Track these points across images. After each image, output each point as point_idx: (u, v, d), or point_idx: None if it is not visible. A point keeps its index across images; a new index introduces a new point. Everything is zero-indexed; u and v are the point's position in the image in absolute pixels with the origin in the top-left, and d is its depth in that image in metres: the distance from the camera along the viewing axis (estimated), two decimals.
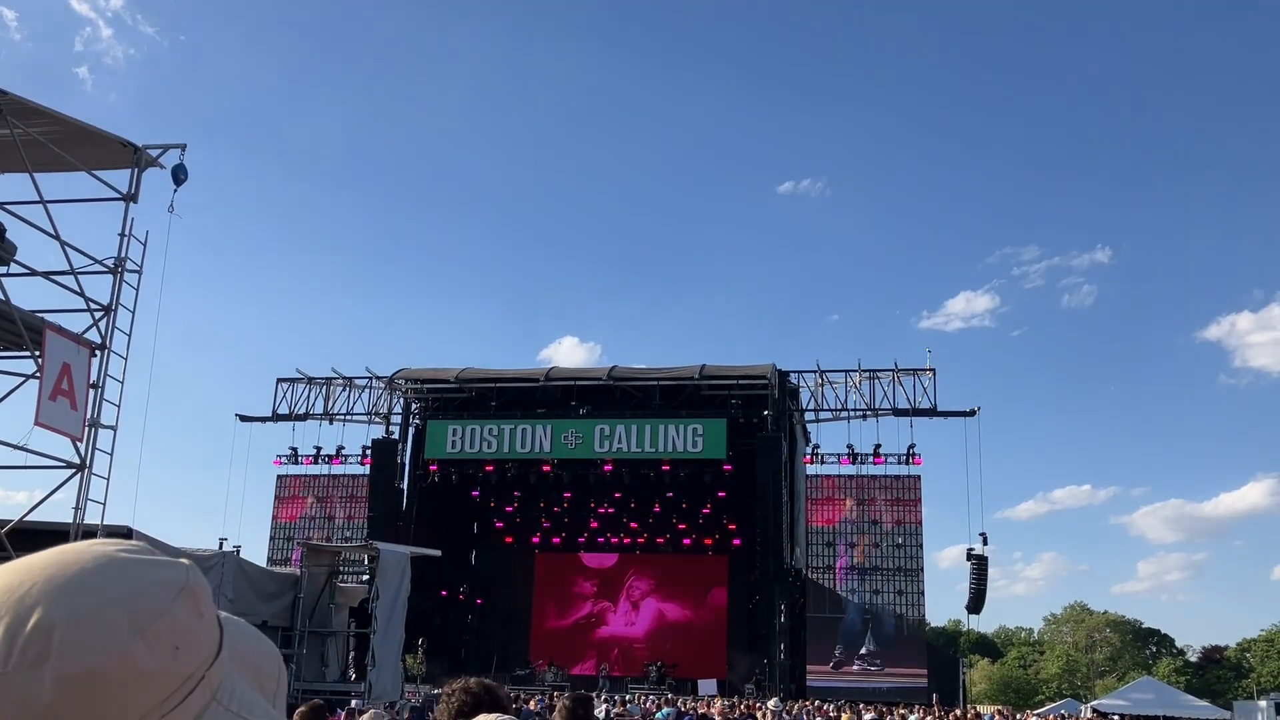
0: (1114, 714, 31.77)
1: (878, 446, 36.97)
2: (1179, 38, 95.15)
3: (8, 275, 13.26)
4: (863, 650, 36.08)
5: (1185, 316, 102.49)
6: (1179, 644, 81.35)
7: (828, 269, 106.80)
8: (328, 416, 40.37)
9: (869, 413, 36.80)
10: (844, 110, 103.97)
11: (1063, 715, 36.88)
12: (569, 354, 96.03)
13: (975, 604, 36.00)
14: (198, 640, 0.86)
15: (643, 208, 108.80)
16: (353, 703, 16.68)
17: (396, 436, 39.36)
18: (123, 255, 14.37)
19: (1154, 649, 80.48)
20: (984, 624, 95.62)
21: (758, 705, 24.99)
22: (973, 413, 36.49)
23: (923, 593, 36.70)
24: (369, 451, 39.45)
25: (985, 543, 35.95)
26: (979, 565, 35.62)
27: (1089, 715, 32.27)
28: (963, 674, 40.31)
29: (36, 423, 12.63)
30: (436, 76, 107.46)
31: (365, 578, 20.99)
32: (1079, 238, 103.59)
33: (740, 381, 36.46)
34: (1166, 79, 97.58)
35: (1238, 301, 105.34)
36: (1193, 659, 78.21)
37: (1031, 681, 75.55)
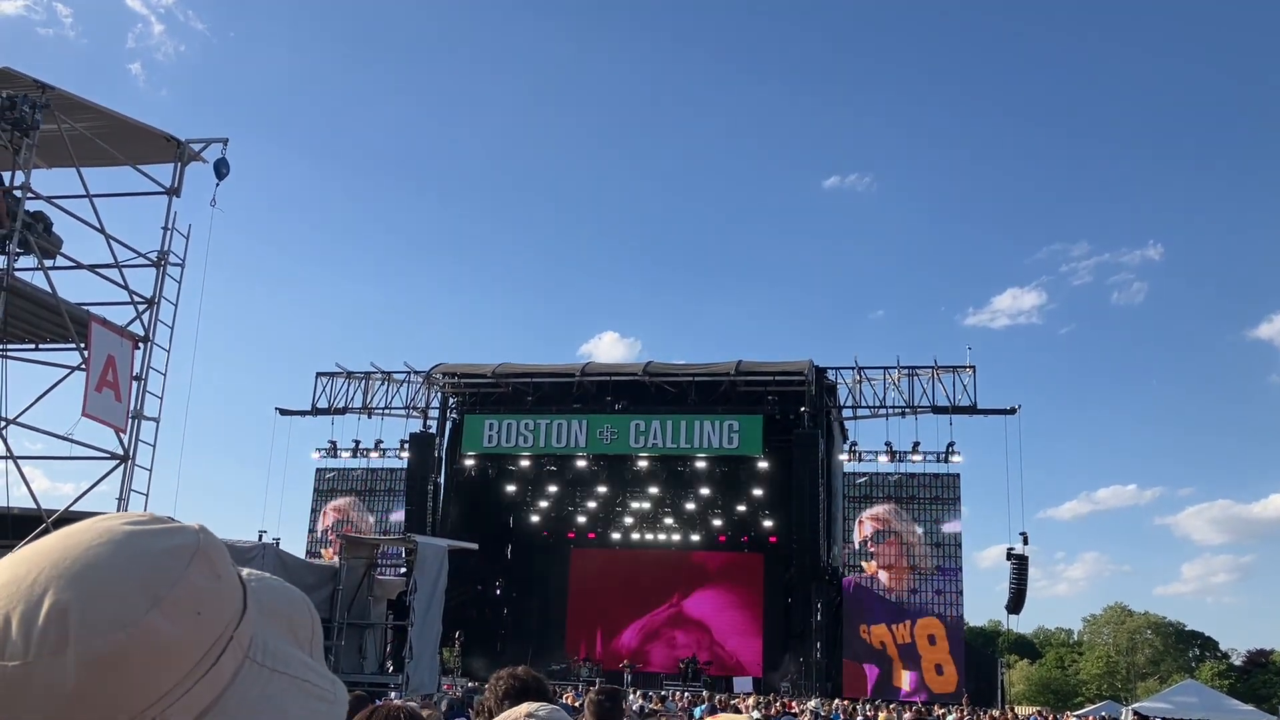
0: (1156, 717, 31.30)
1: (916, 444, 36.63)
2: (1233, 35, 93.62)
3: (54, 268, 13.43)
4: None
5: (1235, 314, 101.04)
6: (1223, 647, 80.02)
7: (873, 265, 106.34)
8: (366, 410, 40.66)
9: (908, 410, 36.49)
10: (891, 105, 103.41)
11: (1103, 717, 36.36)
12: (609, 348, 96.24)
13: (1015, 604, 35.61)
14: (219, 601, 0.84)
15: (688, 203, 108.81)
16: (391, 695, 16.76)
17: (434, 431, 39.56)
18: (166, 249, 14.52)
19: (1197, 652, 79.21)
20: (1023, 624, 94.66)
21: (794, 704, 24.84)
22: (1013, 411, 36.08)
23: (961, 592, 36.35)
24: (407, 445, 39.69)
25: (1026, 542, 35.56)
26: (1019, 565, 35.23)
27: (1130, 718, 31.82)
28: (1001, 674, 39.87)
29: (84, 413, 12.79)
30: (485, 71, 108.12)
31: (403, 570, 21.11)
32: (1130, 234, 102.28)
33: (777, 378, 36.25)
34: (1220, 77, 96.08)
35: None
36: (1237, 663, 76.86)
37: (1070, 683, 74.64)
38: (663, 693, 26.68)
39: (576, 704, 18.92)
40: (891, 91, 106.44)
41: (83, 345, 13.17)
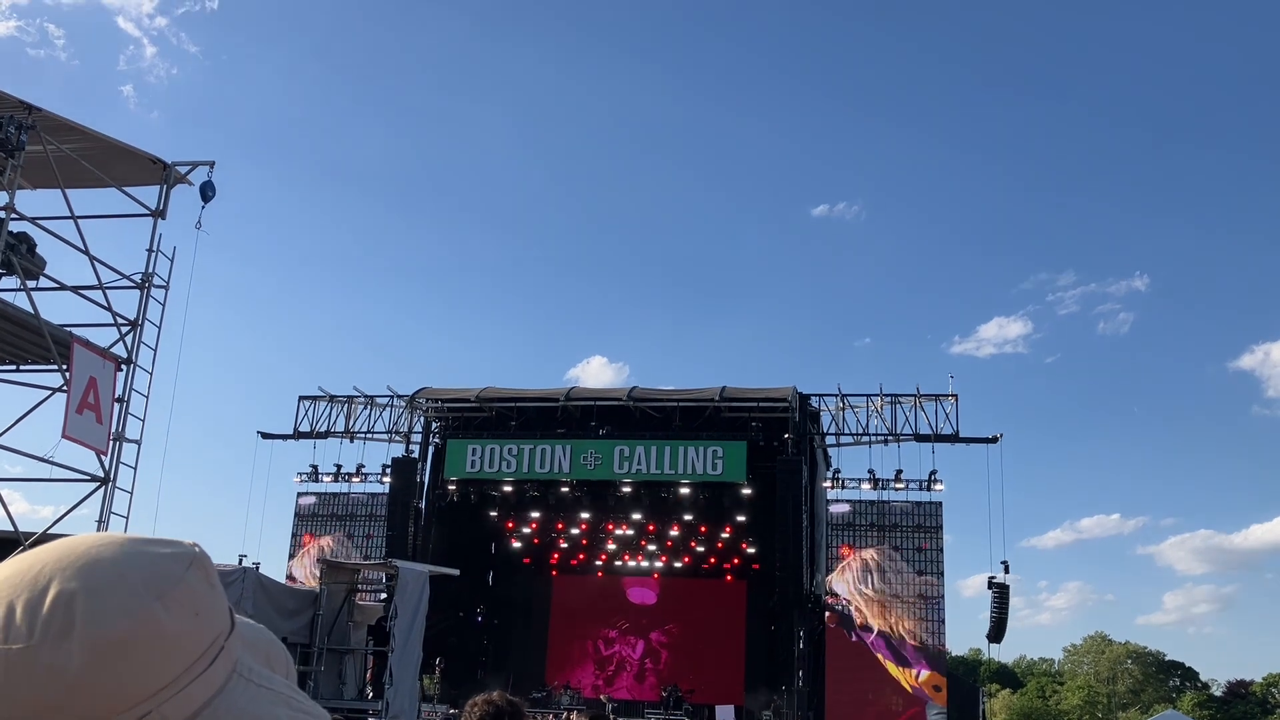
0: None
1: (899, 472, 36.71)
2: (1218, 68, 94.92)
3: (37, 289, 13.39)
4: None
5: (1218, 345, 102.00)
6: (1204, 678, 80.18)
7: (860, 293, 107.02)
8: (349, 435, 40.47)
9: (890, 438, 36.58)
10: (880, 135, 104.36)
11: None
12: (597, 373, 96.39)
13: (996, 633, 35.59)
14: (214, 608, 0.87)
15: (677, 230, 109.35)
16: None
17: (416, 455, 39.39)
18: (150, 271, 14.51)
19: (1178, 682, 79.32)
20: (1005, 654, 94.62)
21: None
22: (995, 439, 36.21)
23: (943, 621, 36.31)
24: (389, 470, 39.49)
25: (1007, 570, 35.57)
26: (1000, 594, 35.24)
27: None
28: (983, 704, 39.83)
29: (64, 435, 12.72)
30: (472, 97, 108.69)
31: (383, 596, 20.96)
32: (1116, 264, 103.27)
33: (761, 404, 36.31)
34: (1205, 109, 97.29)
35: (1272, 331, 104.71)
36: (1218, 693, 76.98)
37: (1052, 712, 74.58)
38: None
39: None
40: (880, 121, 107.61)
41: (65, 367, 13.11)
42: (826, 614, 36.07)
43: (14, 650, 0.77)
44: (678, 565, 42.29)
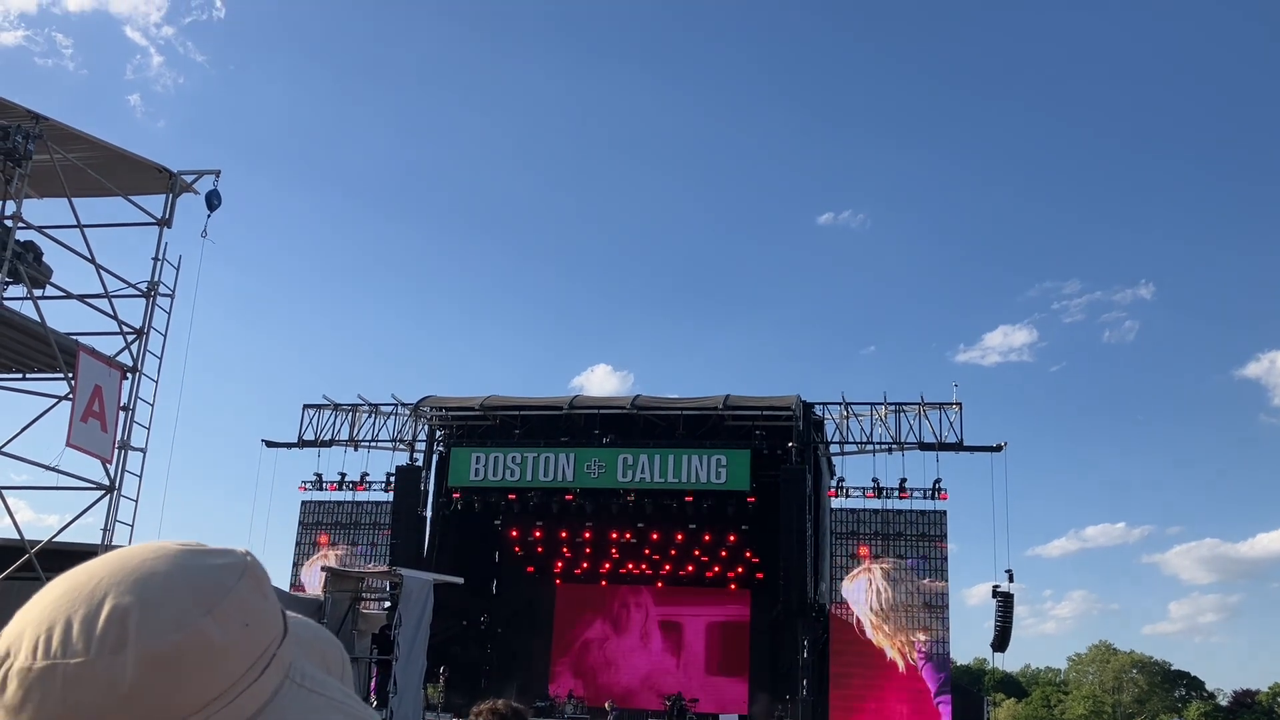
0: None
1: (903, 481, 36.63)
2: (1224, 75, 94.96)
3: (43, 298, 13.43)
4: None
5: (1224, 353, 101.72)
6: (1209, 687, 79.83)
7: (865, 301, 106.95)
8: (353, 443, 40.47)
9: (894, 446, 36.52)
10: (885, 143, 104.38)
11: None
12: (601, 382, 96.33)
13: (1000, 642, 35.48)
14: (265, 618, 0.90)
15: (681, 239, 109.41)
16: None
17: (421, 464, 39.38)
18: (156, 279, 14.54)
19: (1184, 691, 78.99)
20: (1010, 663, 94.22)
21: None
22: (999, 448, 36.15)
23: (948, 630, 36.21)
24: (392, 478, 39.49)
25: (1011, 579, 35.48)
26: (1004, 602, 35.14)
27: None
28: (987, 713, 39.71)
29: (68, 444, 12.74)
30: (479, 106, 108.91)
31: (387, 604, 20.95)
32: (1122, 272, 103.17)
33: (764, 413, 36.28)
34: (1211, 116, 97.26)
35: (1278, 338, 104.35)
36: (1223, 703, 76.66)
37: None
38: None
39: None
40: (885, 129, 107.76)
41: (70, 375, 13.14)
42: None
43: (72, 665, 0.81)
44: (681, 574, 42.20)
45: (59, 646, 0.81)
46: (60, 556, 13.22)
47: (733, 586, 41.92)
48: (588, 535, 40.79)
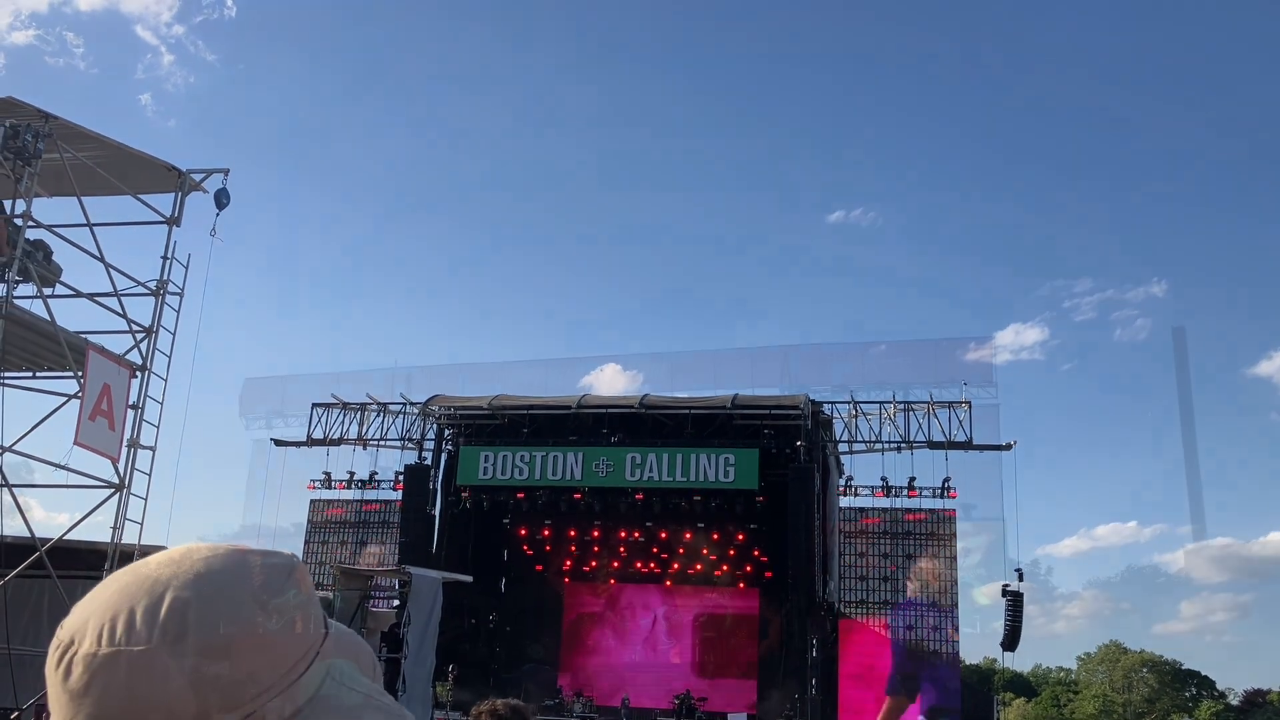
0: None
1: (912, 479, 36.56)
2: (1236, 77, 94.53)
3: (52, 296, 13.46)
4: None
5: (1236, 352, 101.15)
6: (1220, 686, 79.51)
7: (875, 299, 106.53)
8: (361, 442, 40.54)
9: (903, 445, 36.43)
10: (895, 141, 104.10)
11: None
12: (610, 381, 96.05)
13: (1010, 641, 35.36)
14: (311, 615, 0.98)
15: (691, 236, 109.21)
16: None
17: (429, 463, 39.43)
18: (165, 278, 14.57)
19: (1194, 691, 78.69)
20: (1020, 662, 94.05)
21: None
22: (1008, 447, 36.05)
23: (957, 629, 36.13)
24: (401, 477, 39.54)
25: (1021, 578, 35.33)
26: (1014, 601, 35.02)
27: None
28: (997, 713, 39.60)
29: (76, 442, 12.77)
30: (491, 106, 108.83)
31: (396, 603, 20.97)
32: (1134, 271, 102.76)
33: (773, 411, 36.23)
34: (1222, 115, 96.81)
35: None
36: (1235, 702, 76.36)
37: None
38: None
39: None
40: (895, 126, 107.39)
41: (80, 373, 13.16)
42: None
43: (135, 651, 0.88)
44: (690, 572, 42.16)
45: (123, 634, 0.88)
46: (71, 554, 13.25)
47: (741, 585, 41.87)
48: (596, 534, 40.79)
